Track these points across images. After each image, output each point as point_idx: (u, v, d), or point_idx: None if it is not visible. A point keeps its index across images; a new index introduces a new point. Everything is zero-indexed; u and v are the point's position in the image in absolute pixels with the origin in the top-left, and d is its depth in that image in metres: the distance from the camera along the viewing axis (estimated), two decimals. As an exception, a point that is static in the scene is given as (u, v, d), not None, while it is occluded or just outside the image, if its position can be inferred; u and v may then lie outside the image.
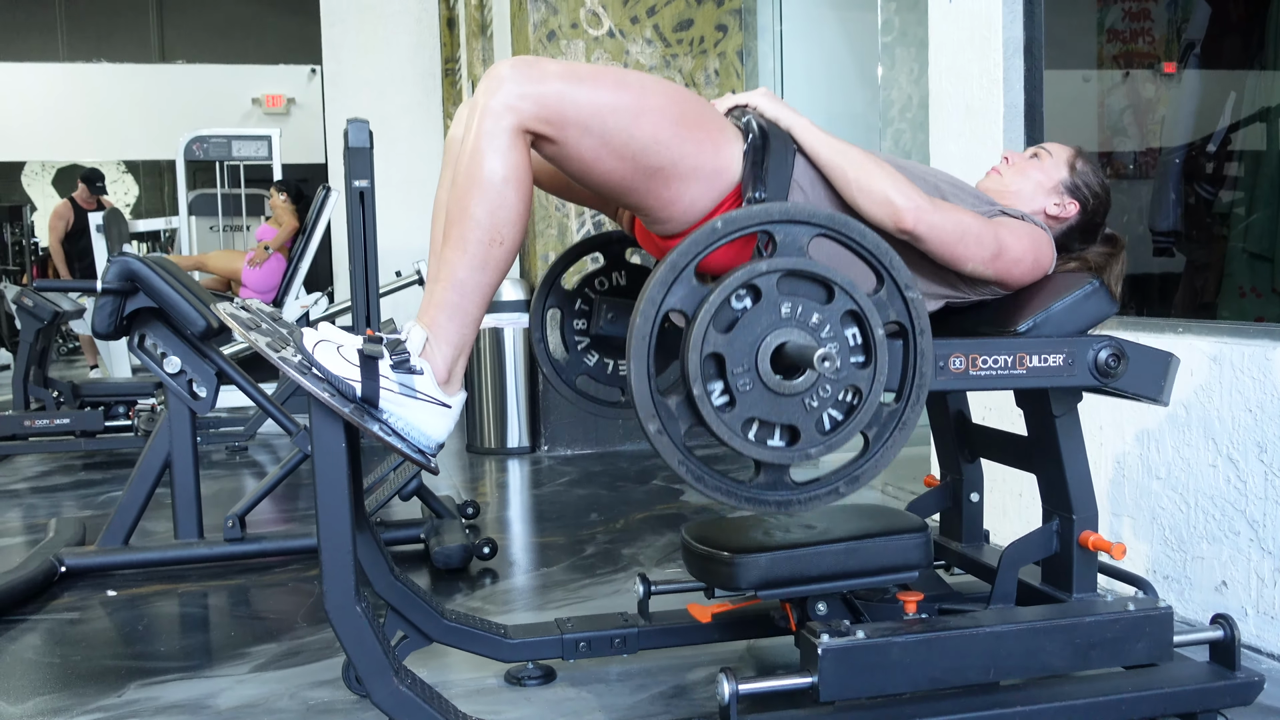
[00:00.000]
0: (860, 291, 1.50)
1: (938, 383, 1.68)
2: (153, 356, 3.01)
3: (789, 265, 1.48)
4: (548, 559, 3.09)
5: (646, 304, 1.44)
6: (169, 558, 3.04)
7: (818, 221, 1.50)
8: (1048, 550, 1.90)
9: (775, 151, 1.73)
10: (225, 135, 7.88)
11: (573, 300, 2.19)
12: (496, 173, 1.59)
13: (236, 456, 5.15)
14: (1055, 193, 1.98)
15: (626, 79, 1.66)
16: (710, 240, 1.47)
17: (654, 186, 1.68)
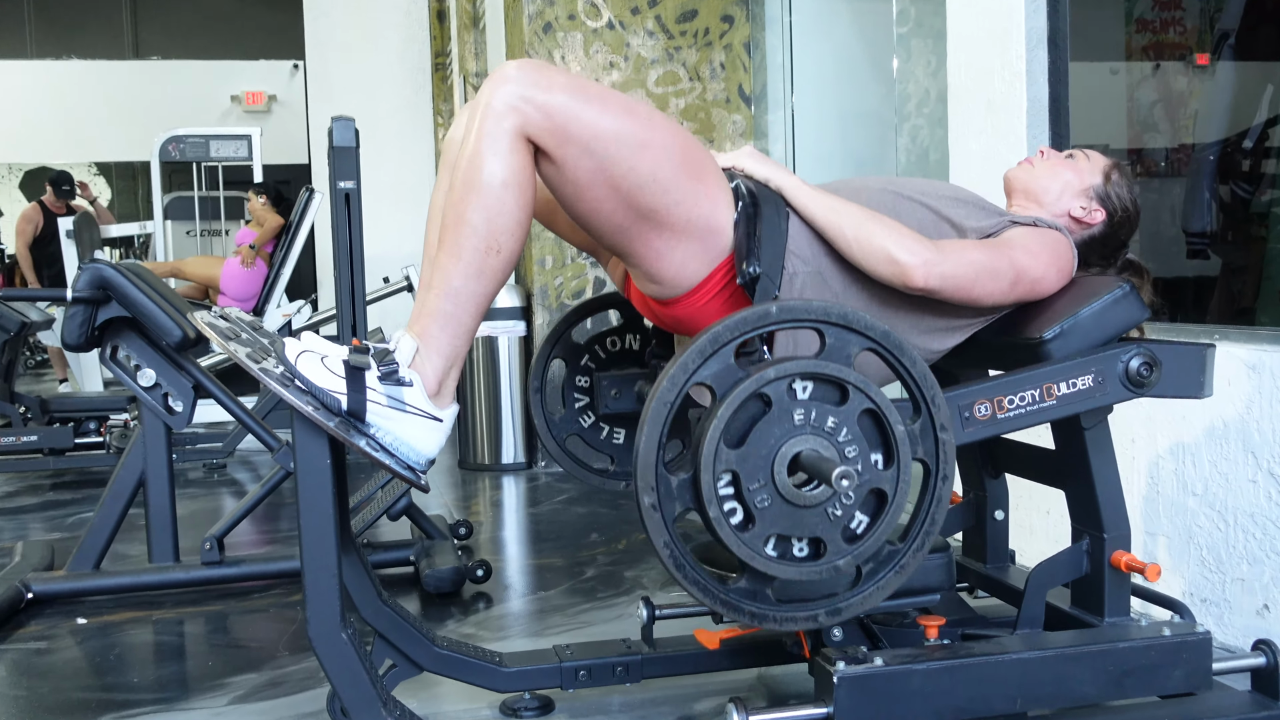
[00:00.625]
0: (877, 389, 1.51)
1: (965, 435, 1.70)
2: (126, 369, 3.00)
3: (810, 369, 1.49)
4: (545, 582, 3.08)
5: (678, 370, 1.46)
6: (143, 583, 3.03)
7: (873, 335, 1.52)
8: (1077, 571, 1.89)
9: (768, 219, 1.74)
10: (203, 135, 7.89)
11: (579, 355, 2.21)
12: (496, 176, 1.59)
13: (215, 474, 5.15)
14: (1084, 196, 2.00)
15: (635, 107, 1.66)
16: (763, 323, 1.48)
17: (644, 231, 1.69)
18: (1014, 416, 1.72)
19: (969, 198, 1.92)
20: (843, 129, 5.16)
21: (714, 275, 1.75)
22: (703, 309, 1.79)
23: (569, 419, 2.21)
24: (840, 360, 1.50)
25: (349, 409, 1.54)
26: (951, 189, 1.94)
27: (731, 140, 5.00)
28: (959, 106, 3.17)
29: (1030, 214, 1.98)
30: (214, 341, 1.59)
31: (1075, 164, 2.02)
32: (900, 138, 4.50)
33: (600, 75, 4.87)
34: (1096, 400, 1.75)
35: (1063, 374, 1.73)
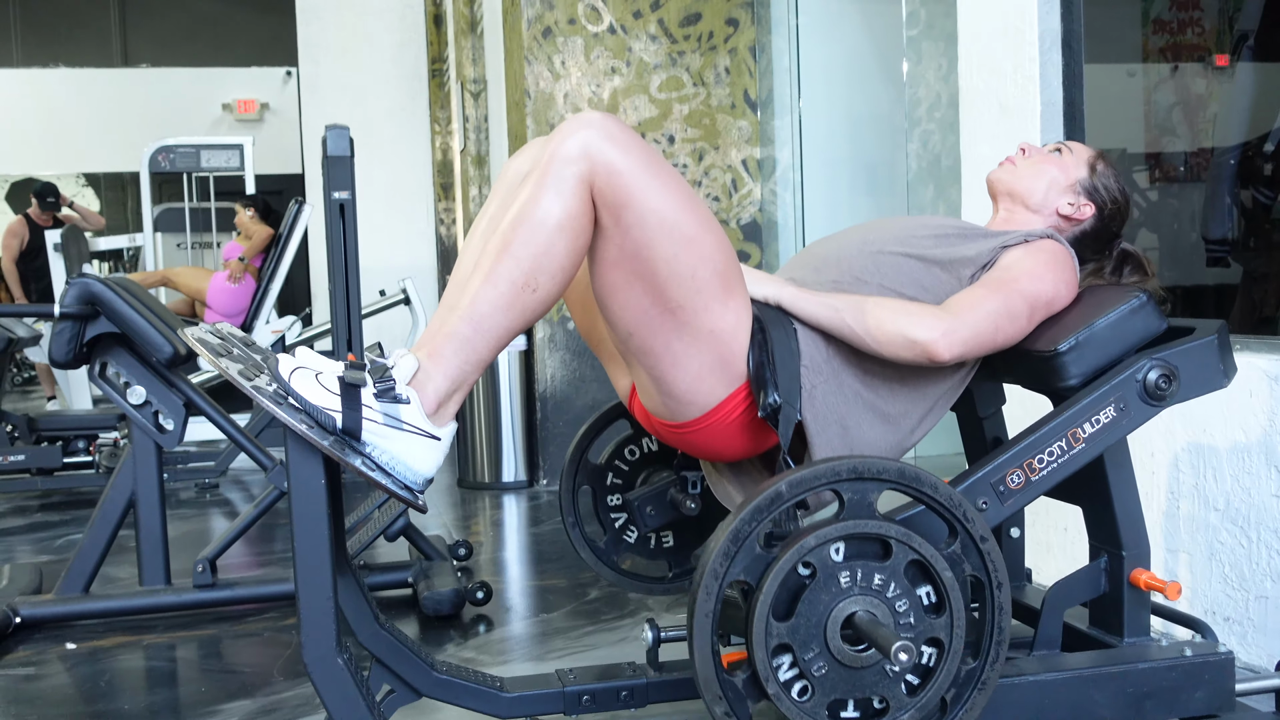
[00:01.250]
0: (919, 539, 1.54)
1: (1006, 509, 1.73)
2: (115, 386, 3.02)
3: (846, 531, 1.53)
4: (548, 604, 3.08)
5: (709, 578, 1.49)
6: (133, 606, 3.03)
7: (888, 477, 1.55)
8: (1096, 590, 1.90)
9: (778, 342, 1.75)
10: (193, 145, 7.92)
11: (603, 475, 2.24)
12: (553, 215, 1.60)
13: (207, 495, 5.15)
14: (1071, 191, 2.01)
15: (696, 201, 1.68)
16: (775, 507, 1.52)
17: (666, 327, 1.69)
18: (1049, 473, 1.74)
19: (949, 229, 1.93)
20: (852, 134, 5.17)
21: (730, 400, 1.76)
22: (718, 435, 1.80)
23: (613, 542, 2.25)
24: (865, 513, 1.54)
25: (344, 427, 1.54)
26: (927, 225, 1.95)
27: (737, 146, 5.02)
28: (971, 111, 3.18)
29: (1016, 228, 1.98)
30: (205, 358, 1.60)
31: (1059, 159, 2.03)
32: (911, 143, 4.51)
33: (602, 81, 4.89)
34: (1125, 428, 1.76)
35: (1083, 415, 1.75)
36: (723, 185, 5.01)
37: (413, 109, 8.97)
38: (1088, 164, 2.02)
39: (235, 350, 1.69)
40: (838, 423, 1.80)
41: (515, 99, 5.03)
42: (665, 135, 4.95)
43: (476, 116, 7.18)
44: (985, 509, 1.73)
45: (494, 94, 6.61)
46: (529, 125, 4.85)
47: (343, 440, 1.55)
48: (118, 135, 11.27)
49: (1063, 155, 2.03)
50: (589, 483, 2.24)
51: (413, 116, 8.97)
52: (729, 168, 5.02)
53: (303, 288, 9.14)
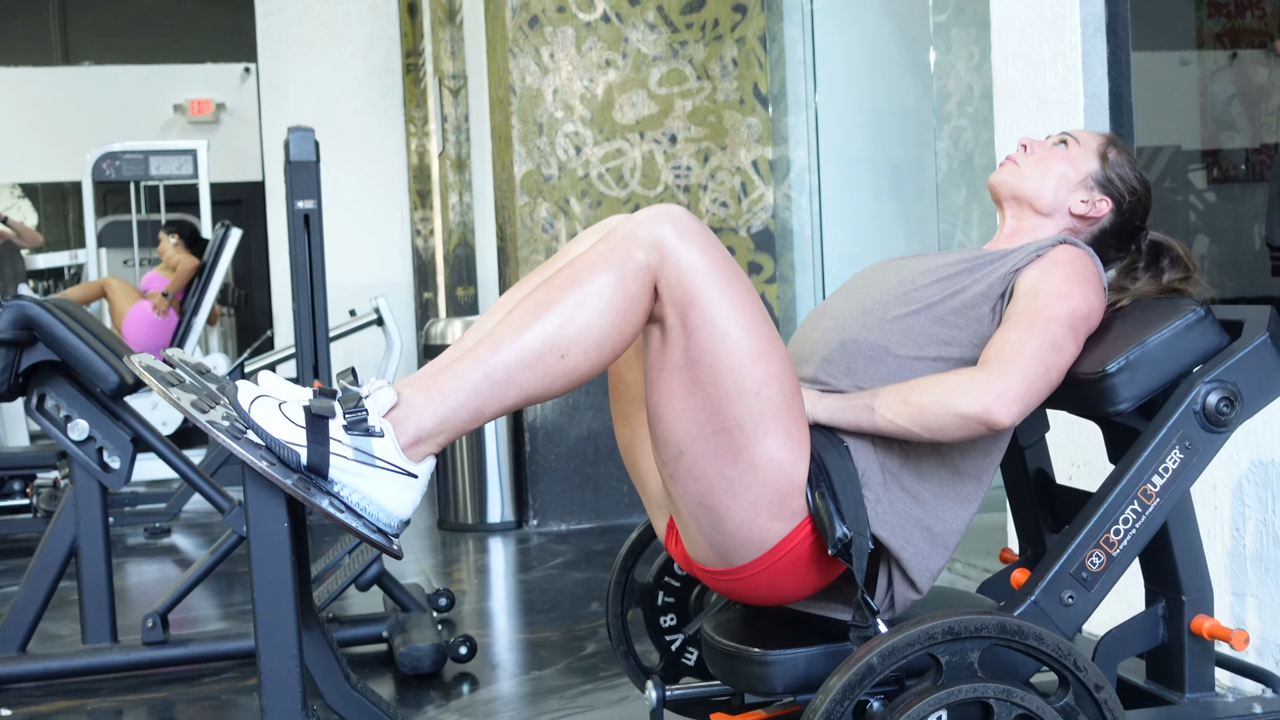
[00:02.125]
0: (1020, 692, 1.57)
1: (1094, 596, 1.74)
2: (54, 420, 3.02)
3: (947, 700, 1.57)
4: (539, 660, 3.08)
5: None
6: (76, 667, 3.02)
7: (988, 634, 1.58)
8: (1153, 640, 1.89)
9: (834, 468, 1.76)
10: (142, 150, 7.95)
11: (653, 595, 2.26)
12: (606, 290, 1.62)
13: (158, 540, 5.14)
14: (1083, 187, 1.99)
15: (767, 319, 1.71)
16: (869, 680, 1.55)
17: (721, 448, 1.69)
18: (1130, 543, 1.74)
19: (950, 267, 1.92)
20: (874, 132, 5.19)
21: (790, 539, 1.75)
22: (777, 578, 1.79)
23: (670, 666, 2.26)
24: (965, 675, 1.57)
25: (309, 463, 1.54)
26: (924, 270, 1.93)
27: (746, 146, 5.04)
28: (1006, 104, 3.19)
29: (1024, 238, 1.97)
30: (154, 388, 1.60)
31: (1065, 152, 2.01)
32: (940, 141, 4.52)
33: (595, 75, 4.91)
34: (1198, 468, 1.76)
35: (1148, 468, 1.74)
36: (731, 189, 5.03)
37: (385, 108, 9.01)
38: (1098, 154, 2.00)
39: (188, 379, 1.69)
40: (919, 529, 1.81)
41: (499, 96, 5.05)
42: (666, 135, 4.97)
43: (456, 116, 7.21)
44: (1072, 604, 1.73)
45: (475, 90, 6.64)
46: (514, 124, 4.87)
47: (308, 478, 1.54)
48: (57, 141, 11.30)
49: (1069, 147, 2.02)
50: (638, 604, 2.25)
51: (385, 116, 9.00)
52: (738, 170, 5.03)
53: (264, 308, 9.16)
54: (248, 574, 1.58)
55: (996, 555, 2.43)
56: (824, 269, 4.99)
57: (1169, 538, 1.86)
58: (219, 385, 1.72)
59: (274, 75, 8.92)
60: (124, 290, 6.95)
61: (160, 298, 6.59)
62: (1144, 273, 2.00)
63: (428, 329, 5.09)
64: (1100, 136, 2.04)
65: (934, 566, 1.81)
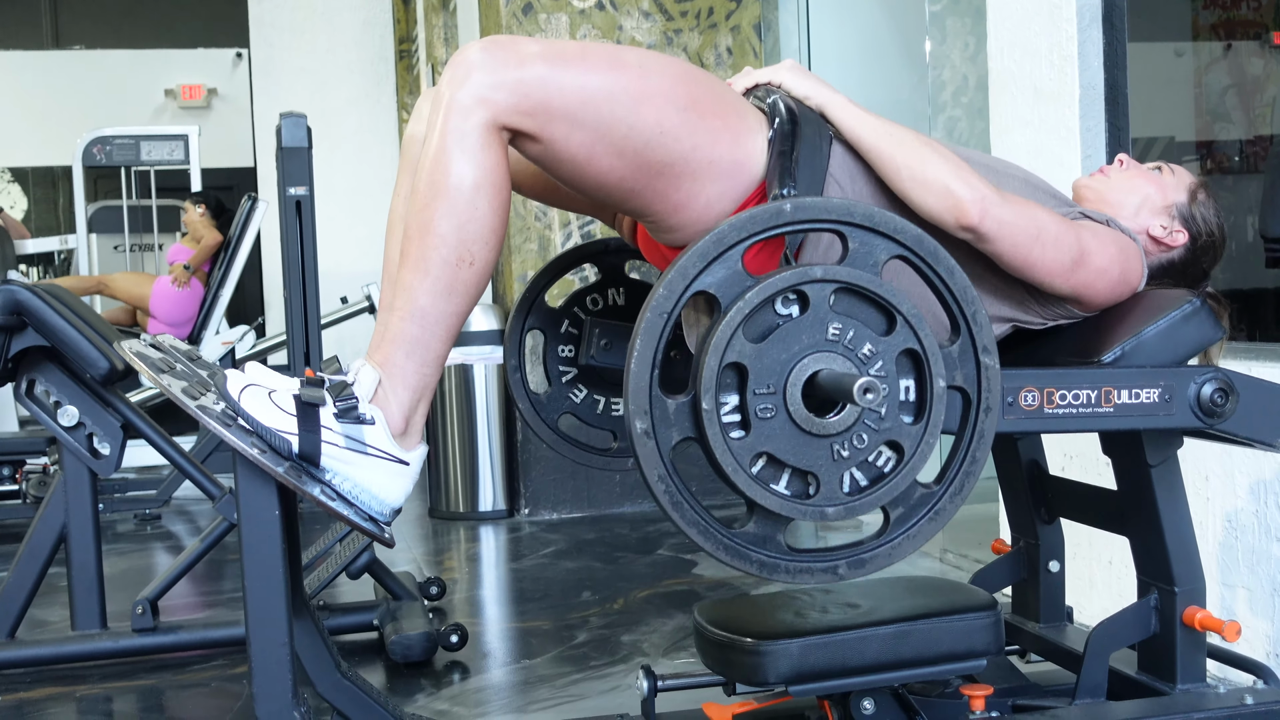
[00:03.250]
0: (927, 328, 1.50)
1: (1006, 423, 1.68)
2: (44, 406, 3.01)
3: (853, 279, 1.48)
4: (530, 649, 3.08)
5: (676, 275, 1.44)
6: (65, 653, 3.02)
7: (904, 240, 1.50)
8: (1145, 631, 1.89)
9: (807, 139, 1.73)
10: (132, 135, 7.92)
11: (558, 322, 2.20)
12: (466, 179, 1.60)
13: (148, 527, 5.14)
14: (1165, 214, 2.00)
15: (623, 57, 1.67)
16: (774, 223, 1.47)
17: (661, 187, 1.69)
18: (1063, 416, 1.71)
19: (1041, 184, 1.93)
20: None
21: (744, 207, 1.73)
22: None
23: (558, 396, 2.20)
24: (865, 268, 1.49)
25: (300, 451, 1.54)
26: (1022, 170, 1.94)
27: (741, 136, 5.03)
28: (1001, 94, 3.18)
29: (1104, 215, 1.97)
30: (144, 374, 1.59)
31: (1158, 178, 2.03)
32: (935, 131, 4.52)
33: (589, 63, 4.90)
34: (1160, 420, 1.74)
35: (1125, 380, 1.72)
36: (725, 179, 5.02)
37: (378, 95, 8.98)
38: (1189, 190, 2.02)
39: (178, 365, 1.69)
40: None
41: (492, 83, 5.03)
42: (660, 123, 4.95)
43: (449, 103, 7.18)
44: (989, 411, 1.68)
45: (469, 78, 6.61)
46: (508, 112, 4.85)
47: (299, 466, 1.54)
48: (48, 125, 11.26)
49: (1163, 175, 2.03)
50: (540, 326, 2.19)
51: (378, 103, 8.97)
52: (732, 159, 5.02)
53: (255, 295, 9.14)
54: (238, 561, 1.58)
55: (989, 546, 2.43)
56: (817, 259, 4.98)
57: (1162, 529, 1.87)
58: (209, 372, 1.72)
59: (266, 61, 8.89)
60: (132, 279, 6.94)
61: (181, 269, 6.58)
62: None
63: (420, 317, 5.07)
64: (1194, 177, 2.05)
65: None
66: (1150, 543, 1.89)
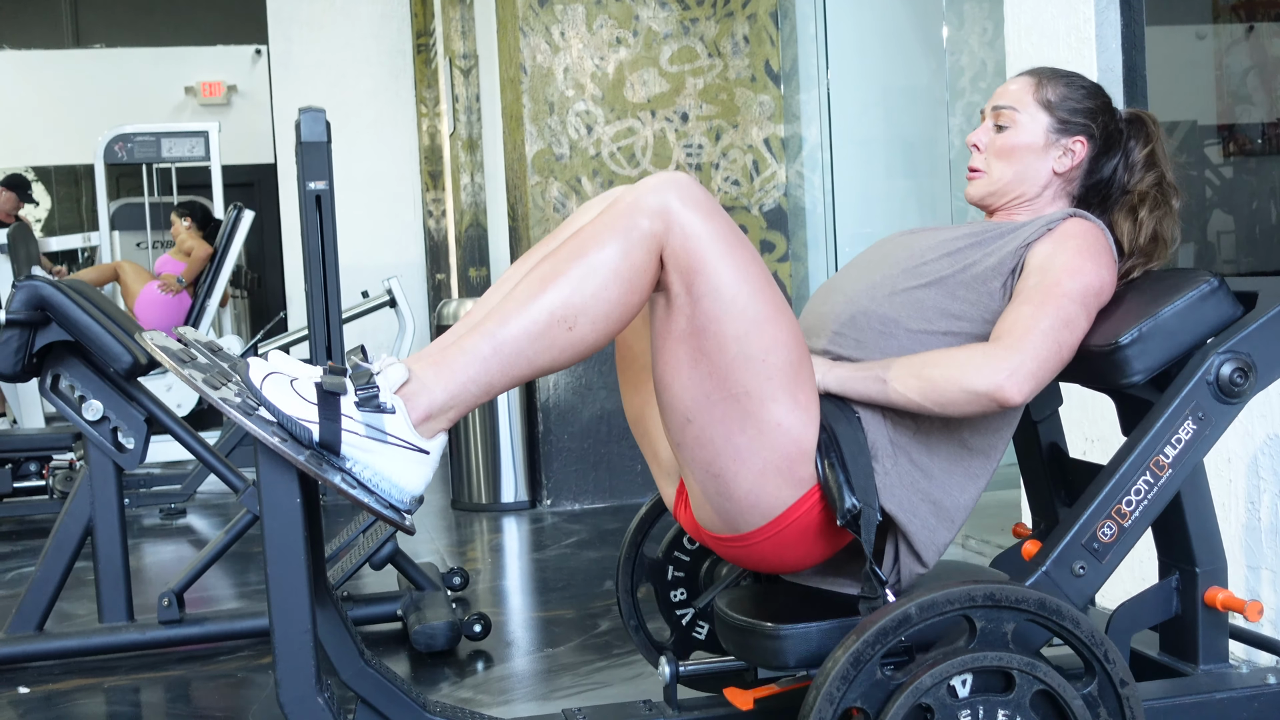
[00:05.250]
0: (1044, 666, 1.57)
1: (1105, 568, 1.74)
2: (69, 401, 3.03)
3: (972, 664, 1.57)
4: (553, 637, 3.09)
5: (823, 702, 1.52)
6: (92, 645, 3.04)
7: (1027, 607, 1.57)
8: (1166, 612, 1.89)
9: (845, 438, 1.76)
10: (153, 133, 7.96)
11: (663, 570, 2.27)
12: (612, 260, 1.62)
13: (173, 521, 5.17)
14: (1049, 146, 1.95)
15: (774, 285, 1.71)
16: (904, 629, 1.55)
17: (728, 415, 1.69)
18: (1142, 513, 1.74)
19: (960, 240, 1.90)
20: (886, 109, 5.17)
21: (798, 506, 1.76)
22: (784, 545, 1.80)
23: (682, 639, 2.28)
24: (998, 644, 1.57)
25: (321, 439, 1.55)
26: (933, 243, 1.92)
27: (758, 124, 5.02)
28: (1019, 79, 3.17)
29: (1029, 216, 1.95)
30: (167, 366, 1.60)
31: (1014, 128, 1.95)
32: (953, 117, 4.51)
33: (606, 54, 4.90)
34: (1211, 439, 1.76)
35: (1161, 438, 1.75)
36: (743, 167, 5.02)
37: (396, 89, 9.00)
38: (1037, 103, 1.95)
39: (200, 358, 1.70)
40: (926, 502, 1.81)
41: (510, 75, 5.05)
42: (678, 113, 4.95)
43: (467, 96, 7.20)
44: (1083, 574, 1.73)
45: (486, 70, 6.62)
46: (525, 104, 4.86)
47: (320, 455, 1.55)
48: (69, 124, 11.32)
49: (1011, 120, 1.95)
50: (648, 580, 2.27)
51: (396, 97, 8.99)
52: (750, 148, 5.02)
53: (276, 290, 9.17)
54: (262, 553, 1.59)
55: (1010, 530, 2.43)
56: (837, 247, 4.98)
57: (1183, 510, 1.86)
58: (231, 363, 1.73)
59: (285, 56, 8.91)
60: (136, 273, 6.97)
61: (172, 279, 6.60)
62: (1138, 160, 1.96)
63: (440, 310, 5.09)
64: (1029, 83, 1.97)
65: (940, 541, 1.81)
66: (1171, 524, 1.89)
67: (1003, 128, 1.97)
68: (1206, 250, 3.37)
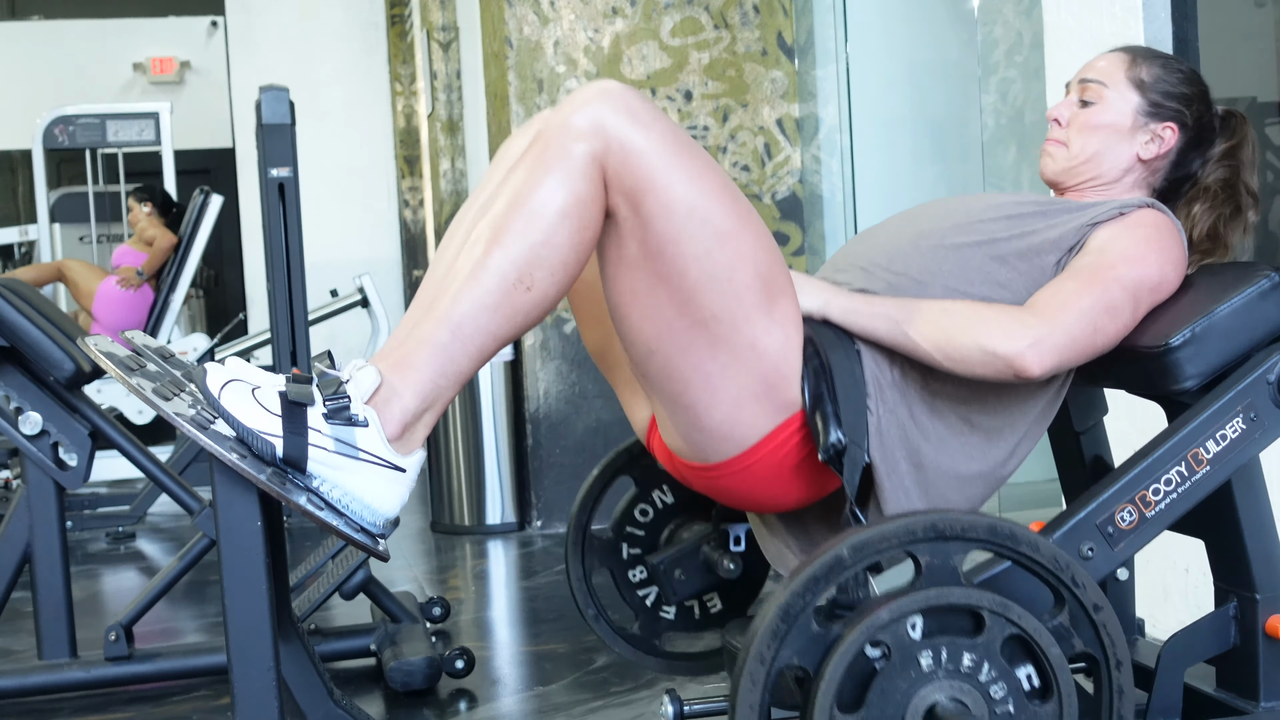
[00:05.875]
0: (1016, 609, 1.55)
1: (1116, 555, 1.73)
2: (4, 413, 3.03)
3: (931, 603, 1.53)
4: (544, 674, 3.09)
5: (753, 663, 1.49)
6: (31, 685, 3.04)
7: (976, 535, 1.55)
8: (1224, 644, 1.89)
9: (839, 369, 1.75)
10: (98, 114, 7.96)
11: (616, 549, 2.26)
12: (555, 200, 1.62)
13: (121, 546, 5.16)
14: (1136, 129, 1.96)
15: (733, 190, 1.70)
16: (836, 576, 1.52)
17: (695, 343, 1.70)
18: (1167, 507, 1.74)
19: (1024, 206, 1.91)
20: (913, 86, 5.17)
21: (777, 435, 1.76)
22: (761, 479, 1.80)
23: (650, 623, 2.27)
24: (948, 578, 1.54)
25: (285, 456, 1.55)
26: (995, 204, 1.93)
27: (770, 103, 5.03)
28: (1059, 52, 3.18)
29: (1103, 199, 1.96)
30: (113, 375, 1.60)
31: (1101, 104, 1.97)
32: (986, 95, 4.51)
33: (601, 25, 4.90)
34: (1261, 443, 1.76)
35: (1205, 430, 1.74)
36: (753, 151, 5.02)
37: (368, 65, 9.00)
38: (1130, 82, 1.97)
39: (151, 365, 1.70)
40: (909, 460, 1.81)
41: (494, 49, 5.05)
42: (681, 91, 4.96)
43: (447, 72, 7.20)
44: (1091, 556, 1.73)
45: (468, 44, 6.63)
46: (511, 81, 4.87)
47: (284, 473, 1.55)
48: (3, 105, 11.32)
49: (1099, 96, 1.97)
50: (603, 564, 2.26)
51: (368, 74, 8.99)
52: (761, 129, 5.02)
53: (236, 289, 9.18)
54: (219, 582, 1.59)
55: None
56: (858, 239, 4.97)
57: (1241, 530, 1.86)
58: (185, 371, 1.73)
59: (244, 29, 8.91)
60: (86, 270, 6.96)
61: (130, 270, 6.59)
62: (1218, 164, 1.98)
63: (417, 310, 5.09)
64: (1121, 59, 1.99)
65: (909, 506, 1.81)
66: (1228, 545, 1.89)
67: (1088, 103, 1.99)
68: (1269, 242, 3.37)
